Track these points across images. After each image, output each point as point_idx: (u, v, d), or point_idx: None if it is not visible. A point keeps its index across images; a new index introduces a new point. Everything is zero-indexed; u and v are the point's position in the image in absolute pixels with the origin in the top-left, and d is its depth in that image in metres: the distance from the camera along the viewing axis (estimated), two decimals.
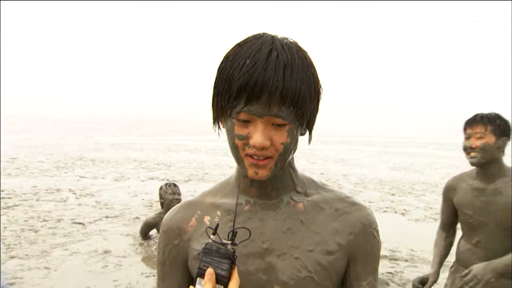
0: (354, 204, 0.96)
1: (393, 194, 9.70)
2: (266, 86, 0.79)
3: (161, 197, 4.93)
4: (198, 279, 0.81)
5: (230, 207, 0.95)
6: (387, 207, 8.36)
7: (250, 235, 0.87)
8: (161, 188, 5.01)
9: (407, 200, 9.15)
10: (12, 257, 4.94)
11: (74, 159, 14.01)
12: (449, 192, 2.45)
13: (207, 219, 0.97)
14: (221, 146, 19.76)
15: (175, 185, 5.08)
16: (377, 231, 0.96)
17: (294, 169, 0.97)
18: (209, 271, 0.80)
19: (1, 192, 8.32)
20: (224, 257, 0.81)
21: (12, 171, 11.15)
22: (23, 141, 19.67)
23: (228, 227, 0.91)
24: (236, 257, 0.83)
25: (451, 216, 2.49)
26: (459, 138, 2.41)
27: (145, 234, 5.44)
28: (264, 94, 0.80)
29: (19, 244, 5.41)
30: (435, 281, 2.63)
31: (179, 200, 4.66)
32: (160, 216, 5.11)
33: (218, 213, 0.96)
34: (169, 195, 4.83)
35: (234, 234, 0.84)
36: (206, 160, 15.03)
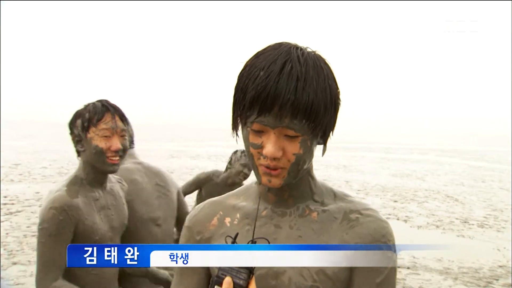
0: (368, 215, 0.93)
1: (395, 201, 9.69)
2: (278, 98, 0.80)
3: (230, 162, 3.97)
4: (216, 287, 0.81)
5: (249, 211, 0.97)
6: (389, 214, 8.35)
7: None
8: (235, 152, 4.05)
9: (409, 207, 9.14)
10: (15, 263, 4.94)
11: (77, 165, 14.03)
12: None
13: (227, 220, 0.98)
14: (223, 152, 19.76)
15: None
16: (389, 246, 0.92)
17: (312, 178, 0.98)
18: (227, 280, 0.80)
19: (4, 198, 8.34)
20: (242, 267, 0.82)
21: (15, 177, 11.17)
22: (25, 146, 19.71)
23: (245, 230, 0.93)
24: (254, 267, 0.83)
25: None
26: (462, 144, 2.42)
27: (189, 192, 4.15)
28: (276, 106, 0.81)
29: (21, 250, 5.42)
30: None
31: (247, 176, 3.79)
32: (214, 175, 4.10)
33: (238, 215, 0.98)
34: (239, 166, 3.90)
35: (253, 243, 0.85)
36: (208, 166, 15.03)
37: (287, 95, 0.80)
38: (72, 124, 1.77)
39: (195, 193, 4.03)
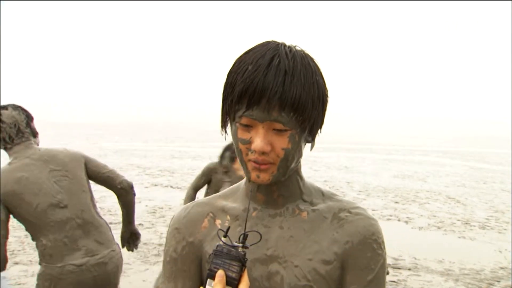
0: (357, 214, 0.94)
1: (396, 202, 9.69)
2: (266, 91, 0.80)
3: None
4: (208, 280, 0.82)
5: (239, 213, 0.97)
6: (391, 215, 8.34)
7: (260, 238, 0.89)
8: None
9: (410, 208, 9.13)
10: (16, 263, 4.96)
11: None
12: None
13: (218, 222, 0.98)
14: None
15: None
16: (379, 243, 0.92)
17: (301, 177, 0.97)
18: (220, 273, 0.81)
19: None
20: (235, 260, 0.82)
21: None
22: None
23: (237, 231, 0.92)
24: (247, 260, 0.84)
25: None
26: (463, 146, 2.41)
27: (200, 185, 4.18)
28: (263, 99, 0.81)
29: (22, 250, 5.43)
30: None
31: None
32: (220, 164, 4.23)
33: (228, 217, 0.97)
34: None
35: (245, 237, 0.85)
36: None
37: (275, 88, 0.80)
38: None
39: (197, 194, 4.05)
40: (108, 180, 2.39)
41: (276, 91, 0.80)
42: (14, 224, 6.93)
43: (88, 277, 2.17)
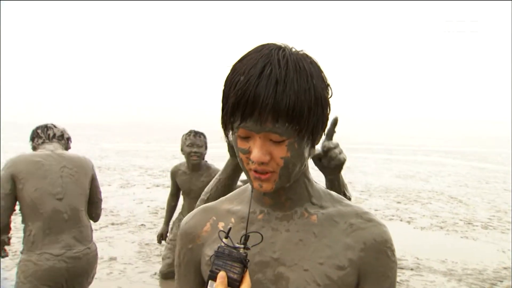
0: (370, 220, 0.93)
1: (398, 202, 9.68)
2: (257, 103, 0.78)
3: (181, 148, 4.12)
4: (210, 281, 0.82)
5: (244, 215, 0.96)
6: (393, 215, 8.33)
7: (262, 239, 0.88)
8: (182, 137, 4.17)
9: (412, 208, 9.12)
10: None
11: None
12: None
13: (221, 225, 0.97)
14: (224, 154, 19.72)
15: (196, 134, 4.12)
16: (392, 251, 0.92)
17: (309, 180, 0.96)
18: (221, 274, 0.80)
19: None
20: (236, 261, 0.82)
21: None
22: (27, 148, 19.72)
23: (242, 234, 0.91)
24: (248, 261, 0.83)
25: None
26: (464, 146, 2.40)
27: (173, 189, 4.47)
28: (256, 111, 0.79)
29: None
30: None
31: (198, 154, 3.99)
32: (180, 164, 4.40)
33: (233, 220, 0.97)
34: (186, 148, 4.01)
35: (246, 238, 0.85)
36: None
37: (266, 99, 0.78)
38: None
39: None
40: (91, 203, 2.69)
41: (267, 103, 0.78)
42: (16, 225, 6.95)
43: (62, 266, 2.44)
